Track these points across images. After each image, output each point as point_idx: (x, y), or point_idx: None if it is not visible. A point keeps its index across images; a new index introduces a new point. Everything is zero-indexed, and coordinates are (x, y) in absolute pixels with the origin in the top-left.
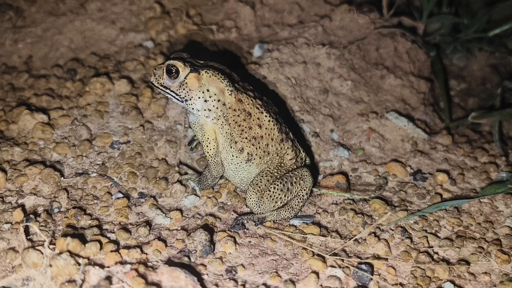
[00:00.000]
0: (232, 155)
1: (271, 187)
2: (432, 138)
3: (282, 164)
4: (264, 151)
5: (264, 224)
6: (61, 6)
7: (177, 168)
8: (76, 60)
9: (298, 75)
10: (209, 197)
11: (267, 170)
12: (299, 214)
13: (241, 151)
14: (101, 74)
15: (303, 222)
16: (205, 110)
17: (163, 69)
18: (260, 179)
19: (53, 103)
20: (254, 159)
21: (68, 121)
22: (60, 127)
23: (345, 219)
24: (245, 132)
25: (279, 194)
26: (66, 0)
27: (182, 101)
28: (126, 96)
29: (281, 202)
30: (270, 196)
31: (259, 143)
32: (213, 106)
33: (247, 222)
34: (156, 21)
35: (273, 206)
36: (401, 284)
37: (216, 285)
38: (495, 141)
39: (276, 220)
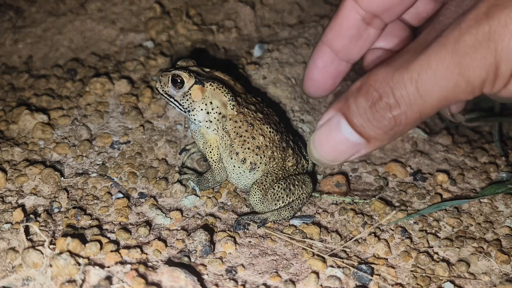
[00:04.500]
0: (234, 166)
1: (275, 186)
2: (432, 138)
3: (285, 170)
4: (269, 158)
5: (265, 224)
6: (61, 6)
7: (177, 168)
8: (76, 60)
9: (298, 75)
10: (209, 197)
11: (272, 171)
12: (299, 214)
13: (243, 161)
14: (101, 74)
15: (303, 222)
16: (206, 121)
17: (169, 77)
18: (265, 178)
19: (53, 103)
20: (259, 167)
21: (68, 121)
22: (60, 127)
23: (345, 219)
24: (247, 143)
25: (281, 194)
26: (66, 0)
27: (184, 111)
28: (126, 96)
29: (282, 202)
30: (274, 194)
31: (263, 152)
32: (215, 118)
33: (249, 223)
34: (156, 21)
35: (275, 205)
36: (401, 284)
37: (216, 285)
38: (495, 141)
39: (277, 220)
